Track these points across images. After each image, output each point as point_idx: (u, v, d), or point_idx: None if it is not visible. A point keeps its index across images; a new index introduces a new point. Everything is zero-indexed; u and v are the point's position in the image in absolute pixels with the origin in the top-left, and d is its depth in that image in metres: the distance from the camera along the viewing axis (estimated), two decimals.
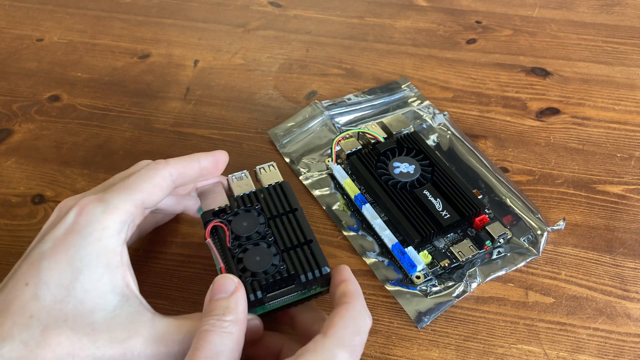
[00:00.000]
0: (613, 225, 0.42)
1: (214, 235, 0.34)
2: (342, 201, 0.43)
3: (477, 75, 0.54)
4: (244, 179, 0.37)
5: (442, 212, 0.40)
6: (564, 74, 0.54)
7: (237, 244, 0.33)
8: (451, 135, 0.48)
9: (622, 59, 0.55)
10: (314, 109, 0.49)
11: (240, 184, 0.37)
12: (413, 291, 0.38)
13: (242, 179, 0.37)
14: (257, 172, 0.38)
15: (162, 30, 0.59)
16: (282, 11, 0.61)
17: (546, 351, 0.36)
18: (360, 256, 0.40)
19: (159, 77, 0.53)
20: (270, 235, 0.34)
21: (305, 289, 0.33)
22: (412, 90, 0.52)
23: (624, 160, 0.46)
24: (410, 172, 0.42)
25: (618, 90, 0.52)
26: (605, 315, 0.37)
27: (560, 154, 0.47)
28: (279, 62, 0.55)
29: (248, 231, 0.33)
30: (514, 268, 0.39)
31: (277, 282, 0.32)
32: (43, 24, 0.60)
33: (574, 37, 0.58)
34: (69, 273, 0.28)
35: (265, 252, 0.32)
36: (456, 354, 0.36)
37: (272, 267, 0.32)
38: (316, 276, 0.32)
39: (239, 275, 0.31)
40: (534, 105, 0.51)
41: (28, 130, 0.49)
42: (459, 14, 0.61)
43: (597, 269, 0.40)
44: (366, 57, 0.56)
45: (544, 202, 0.43)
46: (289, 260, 0.32)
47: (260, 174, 0.38)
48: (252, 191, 0.36)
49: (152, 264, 0.40)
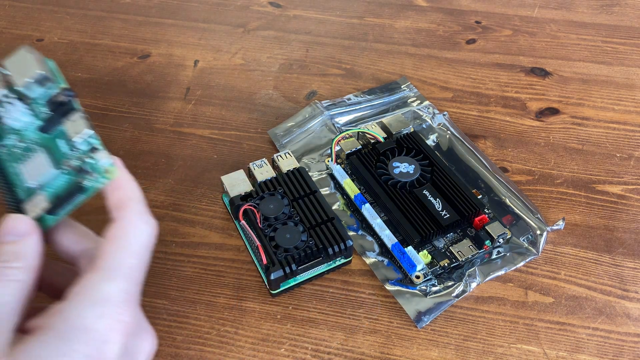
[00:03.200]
0: (612, 225, 0.42)
1: (244, 217, 0.38)
2: (342, 201, 0.43)
3: (476, 76, 0.54)
4: (264, 166, 0.42)
5: (441, 212, 0.40)
6: (563, 74, 0.54)
7: (267, 224, 0.38)
8: (451, 135, 0.48)
9: (621, 59, 0.55)
10: (313, 109, 0.49)
11: (262, 170, 0.41)
12: (413, 291, 0.38)
13: (262, 167, 0.42)
14: (274, 159, 0.42)
15: (162, 30, 0.59)
16: (282, 11, 0.62)
17: (546, 351, 0.36)
18: (360, 256, 0.40)
19: (159, 77, 0.53)
20: (296, 215, 0.38)
21: (330, 260, 0.38)
22: (411, 91, 0.52)
23: (624, 160, 0.46)
24: (410, 172, 0.42)
25: (617, 90, 0.52)
26: (604, 315, 0.37)
27: (560, 154, 0.47)
28: (279, 62, 0.55)
29: (275, 212, 0.38)
30: (514, 268, 0.39)
31: (307, 255, 0.37)
32: (43, 24, 0.60)
33: (573, 37, 0.58)
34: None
35: (294, 230, 0.37)
36: (456, 354, 0.36)
37: (301, 242, 0.37)
38: (341, 248, 0.37)
39: (273, 251, 0.36)
40: (534, 105, 0.51)
41: None
42: (459, 14, 0.61)
43: (597, 268, 0.40)
44: (366, 57, 0.56)
45: (543, 202, 0.43)
46: (316, 236, 0.37)
47: (278, 161, 0.42)
48: (273, 177, 0.41)
49: (152, 264, 0.40)
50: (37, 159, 0.31)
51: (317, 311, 0.37)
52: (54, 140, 0.31)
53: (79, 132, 0.30)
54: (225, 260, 0.40)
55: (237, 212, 0.38)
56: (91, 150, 0.30)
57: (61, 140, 0.31)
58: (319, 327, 0.37)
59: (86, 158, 0.30)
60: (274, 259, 0.36)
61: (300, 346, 0.36)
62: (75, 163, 0.30)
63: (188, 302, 0.38)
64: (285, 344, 0.36)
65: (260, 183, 0.40)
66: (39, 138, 0.31)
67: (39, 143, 0.31)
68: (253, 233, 0.37)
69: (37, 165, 0.31)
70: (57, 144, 0.31)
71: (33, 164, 0.31)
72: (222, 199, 0.43)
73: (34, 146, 0.31)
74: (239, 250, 0.40)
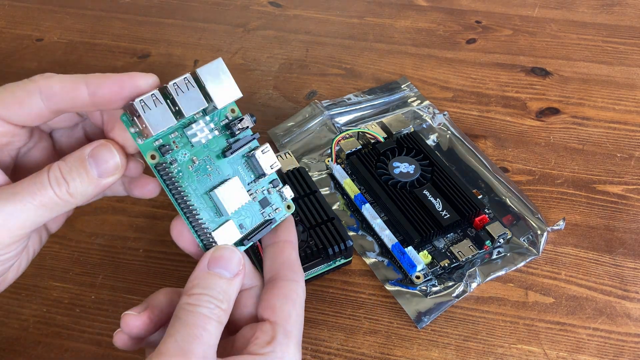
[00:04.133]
0: (613, 225, 0.42)
1: None
2: (342, 201, 0.43)
3: (477, 75, 0.54)
4: None
5: (442, 212, 0.40)
6: (563, 74, 0.54)
7: None
8: (451, 135, 0.48)
9: (622, 59, 0.55)
10: (313, 108, 0.49)
11: None
12: (413, 291, 0.38)
13: None
14: None
15: (162, 30, 0.59)
16: (282, 11, 0.61)
17: (546, 351, 0.36)
18: (360, 256, 0.40)
19: (159, 77, 0.53)
20: (296, 215, 0.37)
21: (330, 260, 0.38)
22: (412, 90, 0.52)
23: (624, 160, 0.46)
24: (410, 172, 0.42)
25: (618, 90, 0.52)
26: (605, 315, 0.37)
27: (560, 154, 0.47)
28: (279, 62, 0.55)
29: None
30: (514, 268, 0.39)
31: (308, 255, 0.36)
32: (43, 24, 0.60)
33: (574, 37, 0.58)
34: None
35: None
36: (456, 354, 0.36)
37: (302, 242, 0.36)
38: (341, 249, 0.37)
39: None
40: (534, 105, 0.51)
41: None
42: (459, 14, 0.61)
43: (597, 269, 0.40)
44: (366, 57, 0.56)
45: (543, 202, 0.43)
46: (316, 236, 0.37)
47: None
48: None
49: (152, 264, 0.40)
50: (232, 184, 0.28)
51: (317, 311, 0.37)
52: (231, 167, 0.29)
53: (271, 164, 0.29)
54: None
55: None
56: (273, 183, 0.30)
57: (239, 166, 0.29)
58: (319, 327, 0.37)
59: (271, 190, 0.30)
60: None
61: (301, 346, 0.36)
62: (260, 195, 0.30)
63: None
64: None
65: None
66: (216, 161, 0.29)
67: (213, 165, 0.29)
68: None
69: (232, 191, 0.28)
70: (240, 172, 0.29)
71: (228, 190, 0.28)
72: None
73: (208, 167, 0.29)
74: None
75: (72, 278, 0.39)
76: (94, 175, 0.27)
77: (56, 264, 0.39)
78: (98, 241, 0.40)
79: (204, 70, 0.28)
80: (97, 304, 0.37)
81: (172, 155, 0.27)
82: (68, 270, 0.39)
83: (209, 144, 0.29)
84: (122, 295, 0.38)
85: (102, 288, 0.38)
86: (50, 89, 0.27)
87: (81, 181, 0.27)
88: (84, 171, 0.27)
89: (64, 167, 0.26)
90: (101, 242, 0.40)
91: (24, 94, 0.27)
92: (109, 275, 0.39)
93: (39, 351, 0.35)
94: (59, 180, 0.26)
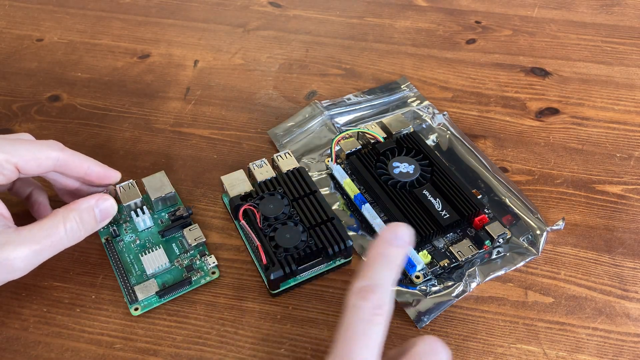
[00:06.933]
0: (612, 225, 0.42)
1: (244, 217, 0.39)
2: (342, 201, 0.43)
3: (476, 75, 0.54)
4: (264, 166, 0.42)
5: (441, 212, 0.40)
6: (563, 74, 0.54)
7: (266, 224, 0.38)
8: (451, 135, 0.48)
9: (621, 59, 0.55)
10: (313, 109, 0.49)
11: (261, 170, 0.41)
12: (412, 291, 0.38)
13: (262, 166, 0.42)
14: (274, 159, 0.42)
15: (162, 30, 0.59)
16: (282, 11, 0.62)
17: (545, 351, 0.36)
18: (360, 256, 0.40)
19: (159, 77, 0.53)
20: (296, 215, 0.38)
21: (330, 260, 0.38)
22: (411, 91, 0.52)
23: (623, 160, 0.46)
24: (410, 172, 0.42)
25: (617, 90, 0.52)
26: (604, 315, 0.37)
27: (560, 154, 0.47)
28: (279, 62, 0.55)
29: (275, 212, 0.38)
30: (514, 268, 0.39)
31: (307, 255, 0.37)
32: (43, 24, 0.60)
33: (573, 37, 0.58)
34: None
35: (294, 230, 0.37)
36: (455, 354, 0.36)
37: (301, 242, 0.37)
38: (341, 249, 0.37)
39: (273, 251, 0.36)
40: (534, 105, 0.51)
41: (28, 130, 0.49)
42: (459, 14, 0.61)
43: (597, 268, 0.40)
44: (366, 57, 0.56)
45: (543, 202, 0.43)
46: (316, 236, 0.37)
47: (277, 161, 0.42)
48: (273, 177, 0.41)
49: None
50: (156, 253, 0.38)
51: (317, 311, 0.37)
52: (167, 242, 0.40)
53: (196, 238, 0.39)
54: (225, 260, 0.40)
55: (237, 212, 0.39)
56: (201, 254, 0.39)
57: (174, 243, 0.40)
58: (319, 327, 0.37)
59: (196, 260, 0.39)
60: (273, 259, 0.36)
61: (300, 346, 0.36)
62: (186, 262, 0.39)
63: (188, 302, 0.38)
64: (285, 344, 0.36)
65: (260, 183, 0.40)
66: (154, 239, 0.40)
67: (153, 243, 0.39)
68: (253, 233, 0.37)
69: (155, 258, 0.38)
70: (172, 245, 0.39)
71: (152, 257, 0.38)
72: (222, 199, 0.43)
73: (151, 244, 0.39)
74: (239, 250, 0.40)
75: (72, 278, 0.39)
76: (98, 222, 0.36)
77: (56, 263, 0.39)
78: (98, 241, 0.40)
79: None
80: (97, 304, 0.38)
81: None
82: (68, 270, 0.39)
83: (149, 229, 0.41)
84: (122, 295, 0.38)
85: (102, 288, 0.38)
86: (66, 165, 0.36)
87: (90, 228, 0.35)
88: (93, 220, 0.35)
89: (77, 218, 0.34)
90: (101, 242, 0.40)
91: (42, 158, 0.35)
92: (109, 275, 0.39)
93: (39, 351, 0.35)
94: (76, 230, 0.34)
